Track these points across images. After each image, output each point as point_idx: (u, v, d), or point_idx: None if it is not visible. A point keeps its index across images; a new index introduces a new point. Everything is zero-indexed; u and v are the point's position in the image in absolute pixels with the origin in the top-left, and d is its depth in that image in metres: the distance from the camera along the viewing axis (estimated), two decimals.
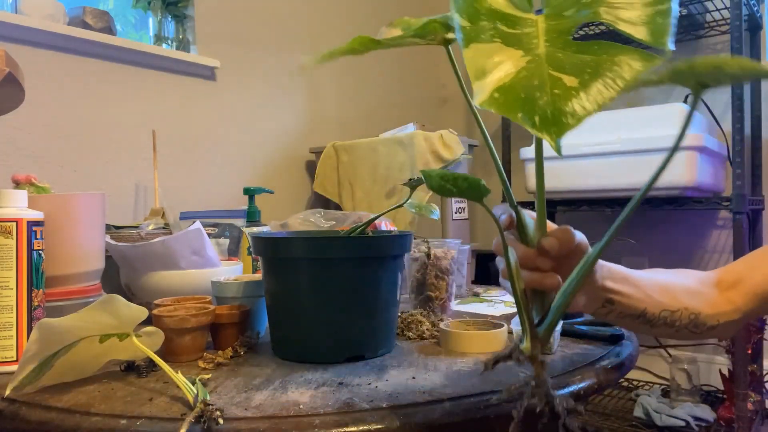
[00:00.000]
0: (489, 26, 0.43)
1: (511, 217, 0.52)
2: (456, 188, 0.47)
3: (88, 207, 0.88)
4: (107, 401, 0.58)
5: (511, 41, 0.42)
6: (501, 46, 0.41)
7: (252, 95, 2.09)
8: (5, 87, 0.80)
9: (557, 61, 0.40)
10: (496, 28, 0.43)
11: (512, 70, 0.39)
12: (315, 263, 0.71)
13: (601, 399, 2.06)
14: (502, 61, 0.40)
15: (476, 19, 0.43)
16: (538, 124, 0.36)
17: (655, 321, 0.63)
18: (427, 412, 0.54)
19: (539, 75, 0.39)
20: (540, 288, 0.52)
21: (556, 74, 0.39)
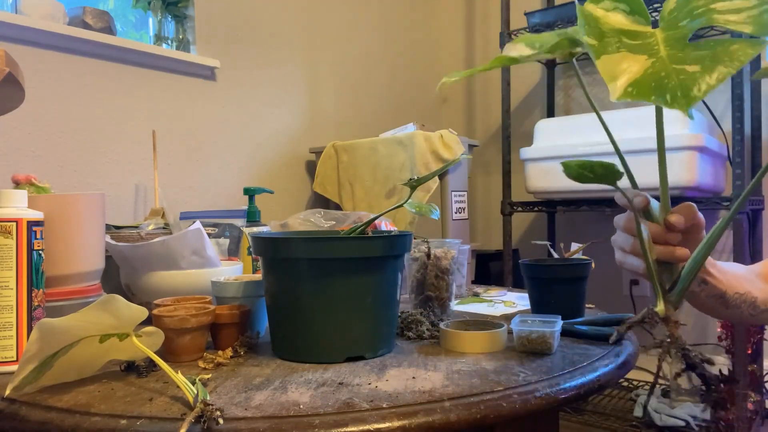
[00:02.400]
0: (614, 41, 0.49)
1: (646, 198, 0.59)
2: (593, 174, 0.54)
3: (88, 207, 0.88)
4: (107, 401, 0.58)
5: (636, 49, 0.49)
6: (627, 54, 0.48)
7: (252, 95, 2.09)
8: (5, 87, 0.80)
9: (678, 59, 0.46)
10: (621, 41, 0.50)
11: (640, 69, 0.46)
12: (315, 263, 0.71)
13: (601, 399, 2.06)
14: (630, 65, 0.47)
15: (602, 37, 0.50)
16: (669, 100, 0.43)
17: (729, 302, 0.70)
18: (427, 412, 0.54)
19: (665, 69, 0.45)
20: (671, 260, 0.59)
21: (679, 67, 0.45)
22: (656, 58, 0.47)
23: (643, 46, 0.49)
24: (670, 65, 0.45)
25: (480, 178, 2.85)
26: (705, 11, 0.51)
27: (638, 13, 0.54)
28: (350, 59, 2.50)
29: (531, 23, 2.10)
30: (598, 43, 0.49)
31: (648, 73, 0.45)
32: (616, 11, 0.54)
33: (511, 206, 2.12)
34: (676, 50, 0.48)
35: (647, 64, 0.46)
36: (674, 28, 0.51)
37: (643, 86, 0.44)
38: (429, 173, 0.83)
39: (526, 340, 0.75)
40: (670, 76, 0.44)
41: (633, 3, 0.55)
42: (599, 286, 2.37)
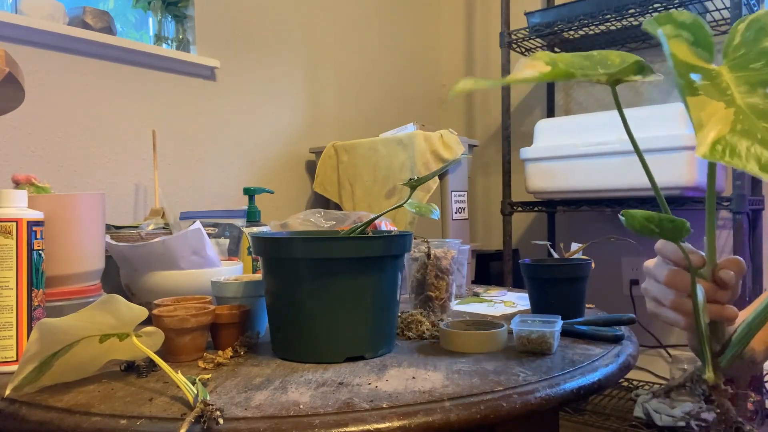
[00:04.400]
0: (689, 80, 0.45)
1: (703, 258, 0.54)
2: (660, 229, 0.49)
3: (88, 207, 0.88)
4: (107, 401, 0.58)
5: (710, 93, 0.44)
6: (705, 99, 0.43)
7: (252, 95, 2.09)
8: (5, 87, 0.80)
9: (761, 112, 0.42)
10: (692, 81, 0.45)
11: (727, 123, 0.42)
12: (315, 263, 0.71)
13: (601, 399, 2.06)
14: (711, 114, 0.42)
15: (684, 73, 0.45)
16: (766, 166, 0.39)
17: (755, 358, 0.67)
18: (427, 412, 0.54)
19: (755, 127, 0.41)
20: (720, 319, 0.54)
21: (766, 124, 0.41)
22: (735, 107, 0.43)
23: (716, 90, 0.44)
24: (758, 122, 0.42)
25: (480, 178, 2.85)
26: None
27: (703, 47, 0.48)
28: (350, 59, 2.50)
29: (531, 23, 2.10)
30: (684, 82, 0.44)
31: (738, 130, 0.41)
32: (679, 40, 0.48)
33: (511, 206, 2.12)
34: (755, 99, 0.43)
35: (731, 117, 0.42)
36: (745, 69, 0.46)
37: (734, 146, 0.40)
38: (429, 173, 0.83)
39: (526, 340, 0.75)
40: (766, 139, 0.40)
41: (699, 33, 0.49)
42: (599, 286, 2.37)
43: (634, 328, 2.29)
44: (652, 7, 1.86)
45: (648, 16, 1.97)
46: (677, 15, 0.49)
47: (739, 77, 0.46)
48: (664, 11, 1.95)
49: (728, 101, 0.43)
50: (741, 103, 0.43)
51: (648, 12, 1.91)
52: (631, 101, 2.34)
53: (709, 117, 0.42)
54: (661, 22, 0.49)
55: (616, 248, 2.32)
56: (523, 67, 0.56)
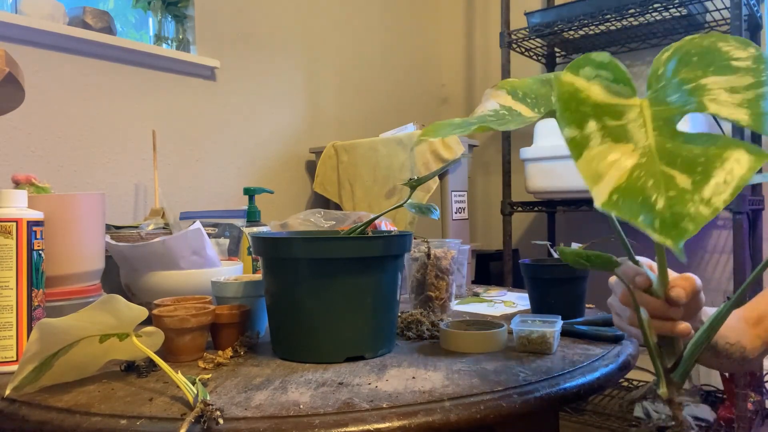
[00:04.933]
0: (597, 126, 0.43)
1: (648, 278, 0.56)
2: (589, 263, 0.52)
3: (88, 207, 0.88)
4: (107, 401, 0.58)
5: (619, 136, 0.43)
6: (611, 145, 0.42)
7: (252, 95, 2.09)
8: (5, 87, 0.80)
9: (668, 155, 0.41)
10: (604, 126, 0.43)
11: (627, 167, 0.41)
12: (315, 263, 0.71)
13: (601, 399, 2.06)
14: (614, 161, 0.41)
15: (583, 123, 0.44)
16: (659, 228, 0.38)
17: (720, 353, 0.68)
18: (427, 412, 0.54)
19: (653, 173, 0.40)
20: (672, 335, 0.55)
21: (669, 171, 0.40)
22: (643, 148, 0.42)
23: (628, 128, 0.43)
24: (659, 166, 0.40)
25: (480, 178, 2.85)
26: (695, 89, 0.45)
27: (622, 82, 0.49)
28: (350, 59, 2.50)
29: (531, 23, 2.10)
30: (579, 134, 0.43)
31: (634, 176, 0.40)
32: (598, 80, 0.48)
33: (511, 206, 2.12)
34: (664, 137, 0.42)
35: (634, 159, 0.41)
36: (662, 104, 0.46)
37: (629, 197, 0.39)
38: (429, 173, 0.83)
39: (526, 340, 0.75)
40: (659, 187, 0.39)
41: (616, 71, 0.49)
42: (599, 286, 2.36)
43: None
44: (652, 7, 1.86)
45: (648, 16, 1.97)
46: (595, 56, 0.49)
47: (657, 112, 0.45)
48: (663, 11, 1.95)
49: (637, 142, 0.42)
50: (651, 142, 0.42)
51: (648, 12, 1.91)
52: None
53: (611, 165, 0.41)
54: (582, 65, 0.49)
55: (616, 248, 2.31)
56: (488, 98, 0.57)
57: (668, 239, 0.37)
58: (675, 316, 0.55)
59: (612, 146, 0.42)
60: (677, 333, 0.55)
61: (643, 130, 0.43)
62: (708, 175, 0.39)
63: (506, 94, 0.57)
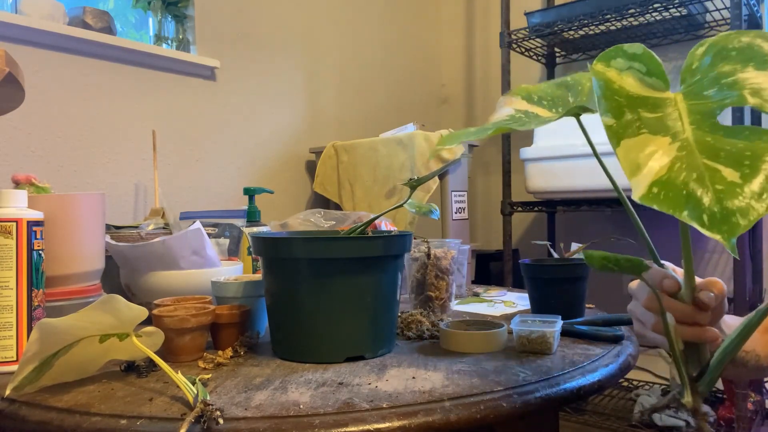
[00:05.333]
0: (633, 118, 0.42)
1: (677, 282, 0.54)
2: (618, 267, 0.49)
3: (88, 207, 0.88)
4: (107, 401, 0.58)
5: (656, 128, 0.42)
6: (648, 136, 0.41)
7: (252, 95, 2.09)
8: (5, 87, 0.80)
9: (709, 149, 0.40)
10: (640, 117, 0.42)
11: (666, 161, 0.39)
12: (315, 263, 0.71)
13: (601, 399, 2.06)
14: (653, 152, 0.40)
15: (620, 113, 0.43)
16: (708, 223, 0.36)
17: (735, 361, 0.66)
18: (427, 412, 0.54)
19: (695, 166, 0.39)
20: (700, 341, 0.53)
21: (712, 164, 0.39)
22: (681, 141, 0.40)
23: (664, 121, 0.42)
24: (700, 159, 0.39)
25: (480, 178, 2.85)
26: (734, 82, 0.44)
27: (656, 75, 0.48)
28: (350, 59, 2.50)
29: (531, 23, 2.10)
30: (616, 123, 0.42)
31: (676, 168, 0.39)
32: (631, 72, 0.47)
33: (511, 206, 2.12)
34: (703, 131, 0.41)
35: (672, 152, 0.40)
36: (698, 98, 0.45)
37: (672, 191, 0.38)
38: (429, 173, 0.83)
39: (526, 340, 0.75)
40: (704, 180, 0.38)
41: (650, 62, 0.48)
42: (599, 286, 2.37)
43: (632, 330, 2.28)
44: (653, 7, 1.86)
45: (648, 16, 1.97)
46: (628, 47, 0.48)
47: (692, 105, 0.44)
48: (663, 11, 1.95)
49: (674, 135, 0.41)
50: (689, 135, 0.41)
51: (648, 12, 1.91)
52: None
53: (649, 156, 0.40)
54: (613, 56, 0.48)
55: (616, 248, 2.32)
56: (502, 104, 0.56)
57: (719, 234, 0.36)
58: (703, 321, 0.53)
59: (648, 137, 0.41)
60: (705, 339, 0.53)
61: (680, 123, 0.42)
62: (756, 169, 0.37)
63: (521, 99, 0.56)
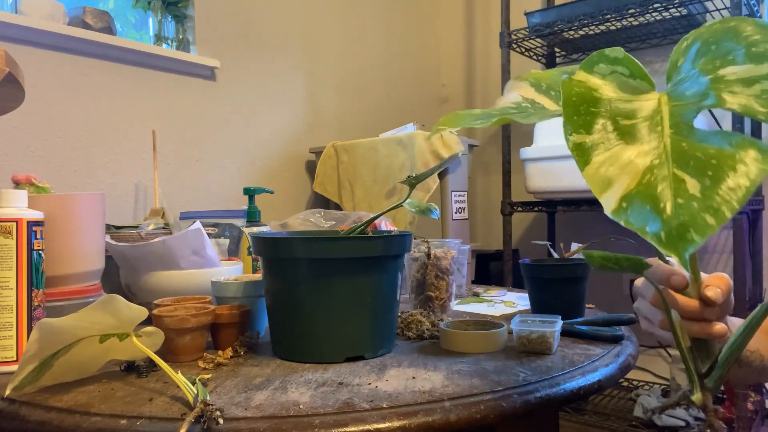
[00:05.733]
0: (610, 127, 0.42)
1: (685, 278, 0.53)
2: (618, 266, 0.49)
3: (88, 207, 0.88)
4: (107, 401, 0.58)
5: (633, 136, 0.41)
6: (623, 147, 0.41)
7: (252, 95, 2.09)
8: (5, 87, 0.80)
9: (682, 156, 0.39)
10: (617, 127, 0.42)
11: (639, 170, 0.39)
12: (315, 263, 0.71)
13: (601, 399, 2.06)
14: (627, 163, 0.40)
15: (590, 127, 0.42)
16: (665, 240, 0.36)
17: (741, 361, 0.65)
18: (427, 412, 0.54)
19: (664, 176, 0.39)
20: (708, 337, 0.53)
21: (681, 174, 0.38)
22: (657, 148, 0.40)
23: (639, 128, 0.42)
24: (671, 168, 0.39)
25: (480, 178, 2.85)
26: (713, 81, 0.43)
27: (640, 77, 0.47)
28: (350, 59, 2.50)
29: (531, 23, 2.10)
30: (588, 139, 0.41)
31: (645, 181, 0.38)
32: (614, 76, 0.46)
33: (511, 206, 2.13)
34: (681, 135, 0.40)
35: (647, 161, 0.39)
36: (680, 99, 0.44)
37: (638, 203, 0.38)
38: (427, 170, 0.83)
39: (526, 340, 0.75)
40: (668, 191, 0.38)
41: (632, 66, 0.47)
42: (599, 286, 2.37)
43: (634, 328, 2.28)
44: (652, 7, 1.86)
45: (648, 16, 1.97)
46: (609, 52, 0.48)
47: (674, 107, 0.43)
48: (663, 11, 1.95)
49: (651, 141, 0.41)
50: (666, 141, 0.40)
51: (648, 12, 1.91)
52: None
53: (623, 168, 0.39)
54: (596, 62, 0.47)
55: (616, 248, 2.32)
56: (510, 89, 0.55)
57: (674, 252, 0.36)
58: (710, 317, 0.53)
59: (624, 148, 0.41)
60: (713, 334, 0.53)
61: (659, 128, 0.42)
62: (718, 180, 0.38)
63: (529, 86, 0.55)
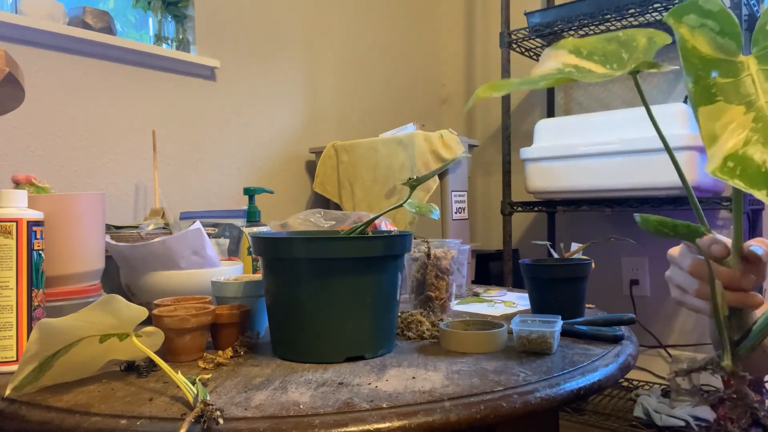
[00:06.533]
0: (709, 83, 0.42)
1: (727, 248, 0.54)
2: (675, 232, 0.48)
3: (88, 207, 0.88)
4: (107, 401, 0.58)
5: (731, 96, 0.41)
6: (723, 104, 0.40)
7: (252, 95, 2.09)
8: (5, 87, 0.80)
9: None
10: (715, 83, 0.41)
11: (741, 135, 0.39)
12: (315, 263, 0.71)
13: (601, 399, 2.06)
14: (727, 123, 0.39)
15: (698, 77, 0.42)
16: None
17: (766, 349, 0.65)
18: (427, 412, 0.54)
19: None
20: (744, 306, 0.54)
21: None
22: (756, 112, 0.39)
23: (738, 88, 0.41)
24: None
25: (480, 178, 2.85)
26: None
27: (729, 35, 0.46)
28: (350, 59, 2.50)
29: (531, 23, 2.10)
30: (695, 88, 0.41)
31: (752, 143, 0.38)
32: (703, 30, 0.45)
33: (511, 206, 2.12)
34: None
35: (747, 123, 0.39)
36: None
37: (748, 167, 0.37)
38: (428, 173, 0.83)
39: (526, 340, 0.75)
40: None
41: (724, 21, 0.46)
42: (599, 286, 2.37)
43: (634, 328, 2.29)
44: (652, 6, 1.86)
45: (648, 16, 1.97)
46: (703, 3, 0.46)
47: (766, 71, 0.42)
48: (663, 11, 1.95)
49: (749, 103, 0.40)
50: (763, 104, 0.40)
51: (648, 12, 1.91)
52: (631, 100, 2.34)
53: (725, 127, 0.39)
54: (686, 11, 0.46)
55: (616, 248, 2.32)
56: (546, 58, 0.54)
57: None
58: (747, 286, 0.54)
59: (724, 106, 0.40)
60: (750, 304, 0.53)
61: (753, 90, 0.41)
62: None
63: (568, 53, 0.53)
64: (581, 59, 0.53)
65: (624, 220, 2.34)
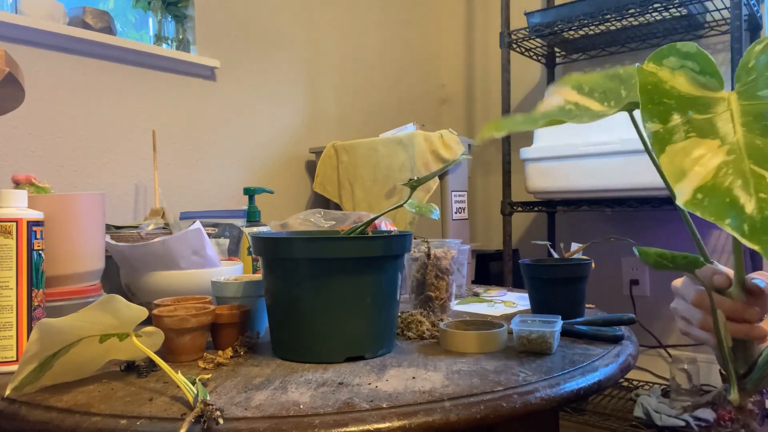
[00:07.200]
0: (681, 120, 0.42)
1: (729, 278, 0.54)
2: (674, 264, 0.49)
3: (88, 207, 0.88)
4: (107, 401, 0.58)
5: (706, 130, 0.41)
6: (696, 140, 0.41)
7: (252, 95, 2.09)
8: (5, 87, 0.80)
9: (758, 153, 0.39)
10: (689, 120, 0.42)
11: (712, 166, 0.39)
12: (315, 263, 0.71)
13: (601, 399, 2.06)
14: (700, 156, 0.40)
15: (666, 117, 0.42)
16: (748, 233, 0.36)
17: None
18: (427, 412, 0.54)
19: (741, 172, 0.38)
20: (748, 338, 0.53)
21: (759, 170, 0.38)
22: (730, 145, 0.40)
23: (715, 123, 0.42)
24: (747, 164, 0.38)
25: (480, 178, 2.85)
26: None
27: (709, 74, 0.47)
28: (350, 59, 2.50)
29: (531, 23, 2.10)
30: (662, 128, 0.41)
31: (722, 174, 0.38)
32: (684, 71, 0.46)
33: (511, 206, 2.12)
34: (754, 133, 0.40)
35: (720, 156, 0.39)
36: (753, 98, 0.44)
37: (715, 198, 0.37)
38: (429, 173, 0.83)
39: (526, 340, 0.75)
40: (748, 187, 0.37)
41: (703, 62, 0.47)
42: (599, 286, 2.37)
43: (634, 328, 2.29)
44: (652, 6, 1.86)
45: (648, 16, 1.97)
46: (681, 46, 0.47)
47: (745, 107, 0.43)
48: (663, 11, 1.94)
49: (724, 137, 0.41)
50: (739, 138, 0.40)
51: (648, 12, 1.91)
52: None
53: (696, 161, 0.39)
54: (666, 54, 0.47)
55: (616, 248, 2.32)
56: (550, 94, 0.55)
57: (758, 245, 0.35)
58: (751, 318, 0.53)
59: (697, 141, 0.41)
60: (754, 336, 0.53)
61: (731, 125, 0.42)
62: None
63: (571, 89, 0.55)
64: (582, 96, 0.55)
65: (624, 220, 2.34)
